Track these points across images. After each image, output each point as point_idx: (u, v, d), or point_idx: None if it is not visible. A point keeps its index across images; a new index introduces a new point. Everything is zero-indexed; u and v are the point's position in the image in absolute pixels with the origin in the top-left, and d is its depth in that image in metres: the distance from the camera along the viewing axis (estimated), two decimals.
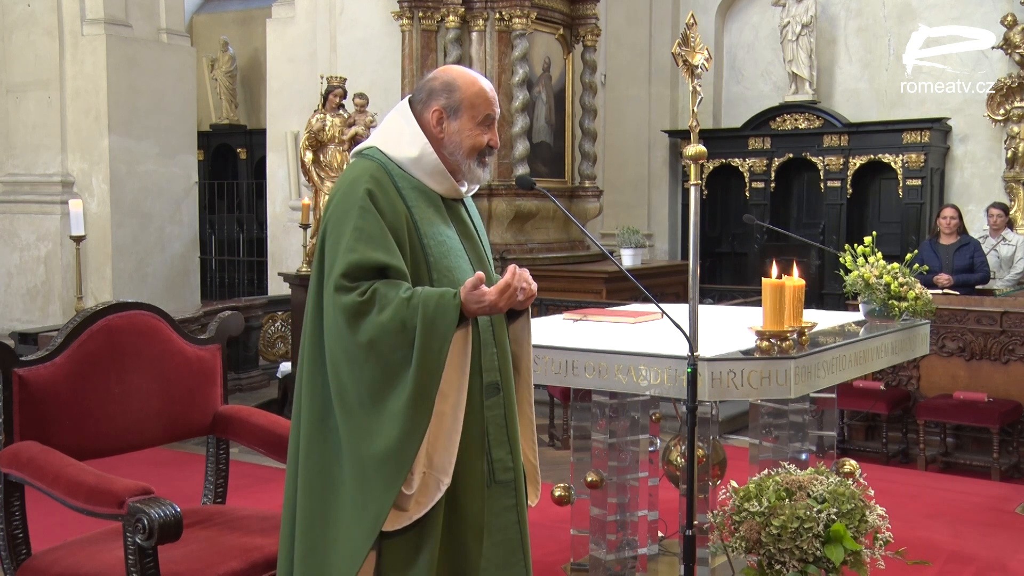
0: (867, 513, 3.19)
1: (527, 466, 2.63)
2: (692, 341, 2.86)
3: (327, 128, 7.67)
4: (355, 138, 7.47)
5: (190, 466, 5.31)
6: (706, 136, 8.16)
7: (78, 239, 7.23)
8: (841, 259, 4.33)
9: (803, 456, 3.87)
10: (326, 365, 2.38)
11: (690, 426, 2.83)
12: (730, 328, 3.78)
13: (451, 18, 8.64)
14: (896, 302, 4.14)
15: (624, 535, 3.85)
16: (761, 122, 11.00)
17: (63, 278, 9.83)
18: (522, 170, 8.49)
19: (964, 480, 5.85)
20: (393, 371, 2.30)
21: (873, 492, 3.36)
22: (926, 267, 5.11)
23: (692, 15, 3.27)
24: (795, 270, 3.50)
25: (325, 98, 8.59)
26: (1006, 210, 8.63)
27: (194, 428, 3.28)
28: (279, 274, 9.16)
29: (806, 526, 3.05)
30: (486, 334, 2.49)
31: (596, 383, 3.35)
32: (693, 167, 3.05)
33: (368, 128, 7.56)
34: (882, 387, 6.25)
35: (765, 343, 3.23)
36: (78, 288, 7.57)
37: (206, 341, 3.33)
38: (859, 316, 4.29)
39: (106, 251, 9.82)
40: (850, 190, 10.60)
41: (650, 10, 11.60)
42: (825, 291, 10.14)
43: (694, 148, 3.05)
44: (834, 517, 3.09)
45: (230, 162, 15.21)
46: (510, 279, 2.34)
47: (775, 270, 3.37)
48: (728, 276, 11.35)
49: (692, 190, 3.05)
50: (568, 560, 4.11)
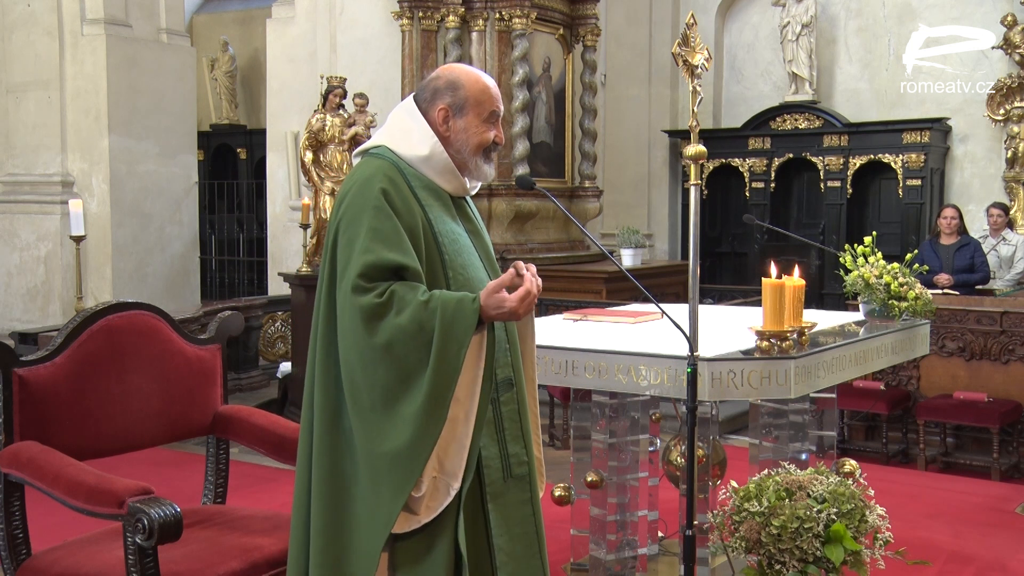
0: (867, 513, 3.19)
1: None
2: (692, 341, 2.86)
3: (327, 128, 7.66)
4: (355, 138, 7.46)
5: (190, 466, 5.31)
6: (706, 136, 8.17)
7: (78, 239, 7.23)
8: (841, 259, 4.33)
9: (803, 456, 3.87)
10: (338, 366, 2.36)
11: (690, 426, 2.83)
12: (730, 328, 3.78)
13: (451, 18, 8.64)
14: (896, 302, 4.14)
15: (624, 535, 3.85)
16: (761, 122, 11.00)
17: (63, 278, 9.83)
18: (522, 170, 8.49)
19: (964, 480, 5.85)
20: (408, 374, 2.29)
21: (873, 492, 3.36)
22: (926, 267, 5.11)
23: (692, 15, 3.26)
24: (795, 270, 3.50)
25: (325, 98, 8.59)
26: (1006, 210, 8.63)
27: (194, 428, 3.28)
28: (279, 274, 9.15)
29: (806, 526, 3.05)
30: (499, 331, 2.48)
31: (596, 383, 3.35)
32: (693, 167, 3.05)
33: (368, 128, 7.56)
34: (882, 387, 6.25)
35: (765, 343, 3.22)
36: (78, 288, 7.57)
37: (206, 341, 3.33)
38: (859, 316, 4.29)
39: (106, 251, 9.82)
40: (850, 190, 10.60)
41: (650, 10, 11.60)
42: (825, 291, 10.14)
43: (694, 148, 3.05)
44: (834, 517, 3.09)
45: (230, 162, 15.21)
46: (529, 286, 2.34)
47: (775, 270, 3.37)
48: (728, 276, 11.35)
49: (692, 190, 3.05)
50: (568, 560, 4.11)
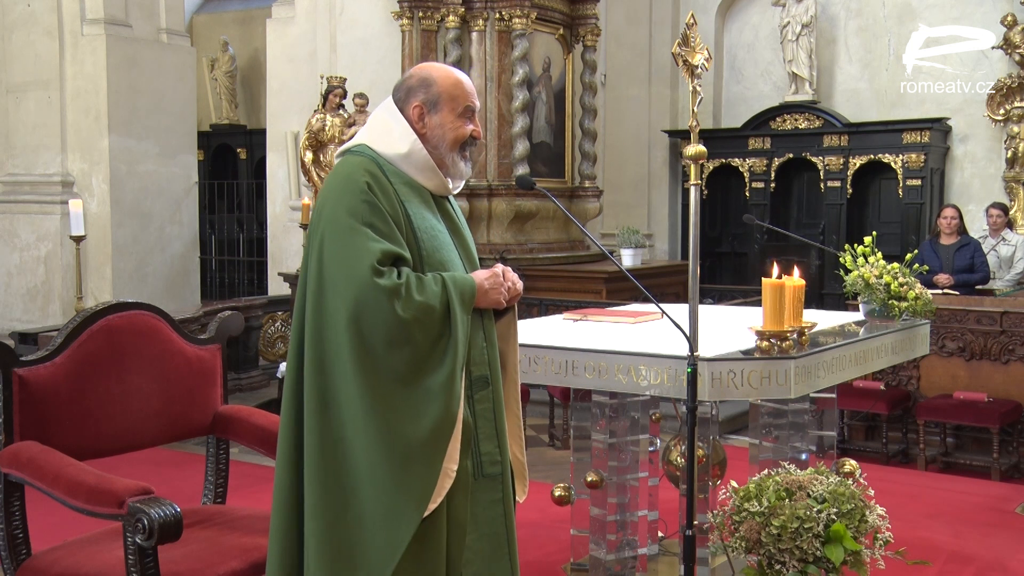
0: (867, 513, 3.19)
1: (514, 462, 2.64)
2: (692, 341, 2.86)
3: (327, 128, 7.68)
4: None
5: (190, 466, 5.31)
6: (706, 136, 8.17)
7: (78, 239, 7.24)
8: (841, 259, 4.33)
9: (803, 456, 3.87)
10: (326, 358, 2.37)
11: (690, 426, 2.83)
12: (730, 328, 3.78)
13: (451, 18, 8.64)
14: (896, 302, 4.14)
15: (624, 535, 3.85)
16: (761, 122, 11.00)
17: (63, 278, 9.83)
18: (522, 170, 8.49)
19: (964, 480, 5.85)
20: (427, 350, 2.36)
21: (873, 492, 3.36)
22: (926, 267, 5.11)
23: (692, 15, 3.27)
24: (795, 270, 3.50)
25: (325, 98, 8.60)
26: (1006, 210, 8.63)
27: (194, 428, 3.28)
28: (279, 274, 9.17)
29: (806, 526, 3.05)
30: (475, 329, 2.51)
31: (596, 383, 3.35)
32: (693, 167, 3.05)
33: None
34: (882, 387, 6.25)
35: (765, 343, 3.23)
36: (78, 288, 7.58)
37: (206, 341, 3.33)
38: (859, 316, 4.29)
39: (106, 251, 9.82)
40: (850, 190, 10.60)
41: (650, 10, 11.60)
42: (825, 291, 10.14)
43: (694, 148, 3.05)
44: (834, 517, 3.09)
45: (230, 162, 15.20)
46: (510, 284, 2.51)
47: (775, 270, 3.37)
48: (728, 276, 11.35)
49: (692, 190, 3.05)
50: (568, 560, 4.11)
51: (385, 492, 2.33)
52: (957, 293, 7.07)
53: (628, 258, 8.90)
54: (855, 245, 4.33)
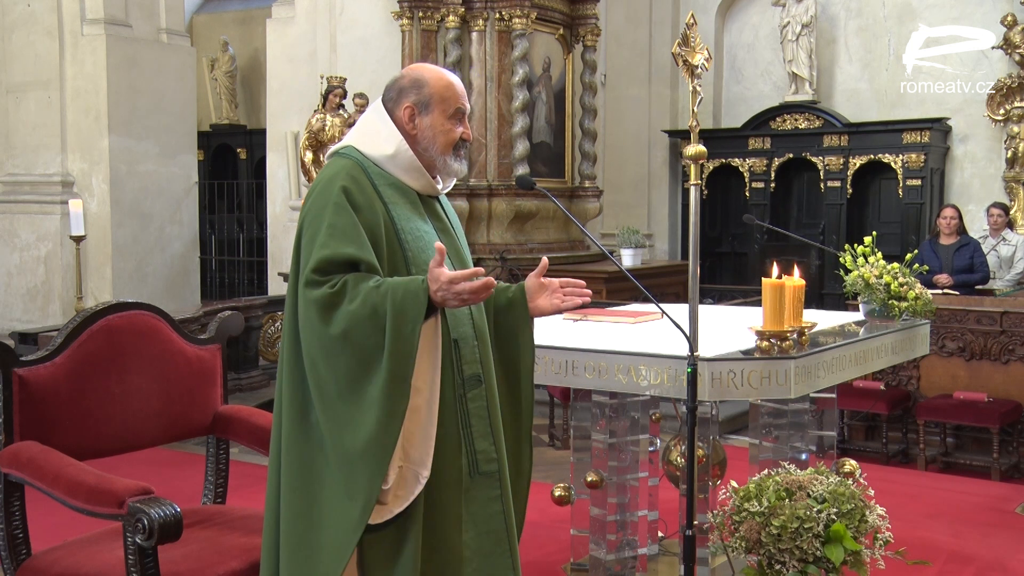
0: (867, 513, 3.19)
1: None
2: (692, 341, 2.86)
3: (327, 128, 7.67)
4: None
5: (190, 466, 5.31)
6: (706, 136, 8.16)
7: (78, 239, 7.24)
8: (841, 259, 4.33)
9: (803, 456, 3.87)
10: (303, 361, 2.39)
11: (690, 426, 2.83)
12: (730, 328, 3.78)
13: (451, 18, 8.63)
14: (896, 302, 4.14)
15: (624, 535, 3.85)
16: (761, 122, 11.00)
17: (63, 278, 9.83)
18: (522, 170, 8.48)
19: (964, 480, 5.85)
20: (368, 358, 2.31)
21: (873, 492, 3.36)
22: (926, 267, 5.11)
23: (692, 15, 3.27)
24: (795, 270, 3.50)
25: (325, 98, 8.60)
26: (1006, 210, 8.63)
27: (194, 428, 3.28)
28: (279, 274, 9.17)
29: (806, 526, 3.05)
30: (467, 327, 2.51)
31: (596, 383, 3.35)
32: (693, 167, 3.05)
33: None
34: (882, 387, 6.25)
35: (765, 343, 3.23)
36: (78, 288, 7.58)
37: (206, 341, 3.33)
38: (859, 316, 4.29)
39: (106, 251, 9.82)
40: (850, 190, 10.60)
41: (650, 10, 11.60)
42: (825, 291, 10.14)
43: (694, 148, 3.05)
44: (834, 517, 3.09)
45: (230, 162, 15.20)
46: (471, 286, 2.29)
47: (775, 270, 3.37)
48: (728, 276, 11.35)
49: (692, 190, 3.05)
50: (568, 560, 4.11)
51: (336, 497, 2.34)
52: (957, 293, 7.07)
53: (628, 258, 8.90)
54: (855, 245, 4.32)
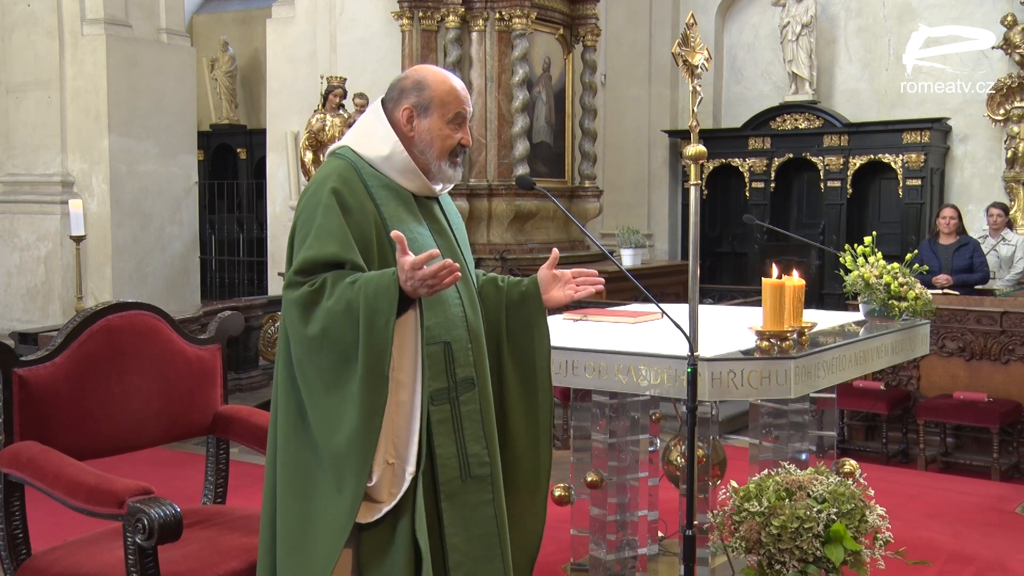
0: (867, 513, 3.19)
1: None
2: (692, 341, 2.86)
3: (327, 128, 7.67)
4: None
5: (190, 466, 5.31)
6: (706, 136, 8.16)
7: (78, 239, 7.24)
8: (841, 259, 4.33)
9: (803, 456, 3.87)
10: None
11: (690, 426, 2.83)
12: (730, 328, 3.78)
13: (451, 18, 8.63)
14: (896, 302, 4.14)
15: (624, 535, 3.85)
16: (761, 122, 11.00)
17: (63, 278, 9.83)
18: (522, 170, 8.48)
19: (964, 480, 5.85)
20: (347, 354, 2.31)
21: (873, 492, 3.36)
22: (926, 267, 5.11)
23: (692, 15, 3.26)
24: (795, 270, 3.50)
25: (325, 98, 8.59)
26: (1006, 210, 8.63)
27: (194, 428, 3.28)
28: (279, 274, 9.12)
29: (806, 526, 3.05)
30: (460, 329, 2.51)
31: (596, 383, 3.35)
32: (693, 167, 3.05)
33: None
34: (882, 387, 6.25)
35: (765, 343, 3.22)
36: (78, 288, 7.58)
37: (206, 341, 3.33)
38: (859, 316, 4.29)
39: (106, 251, 9.82)
40: (850, 190, 10.60)
41: (650, 10, 11.60)
42: (825, 291, 10.14)
43: (694, 148, 3.05)
44: (834, 517, 3.09)
45: (230, 162, 15.20)
46: (434, 271, 2.25)
47: (775, 270, 3.37)
48: (728, 276, 11.35)
49: (692, 190, 3.05)
50: (568, 560, 4.11)
51: (327, 495, 2.34)
52: (957, 293, 7.07)
53: (628, 258, 8.91)
54: (855, 245, 4.32)
